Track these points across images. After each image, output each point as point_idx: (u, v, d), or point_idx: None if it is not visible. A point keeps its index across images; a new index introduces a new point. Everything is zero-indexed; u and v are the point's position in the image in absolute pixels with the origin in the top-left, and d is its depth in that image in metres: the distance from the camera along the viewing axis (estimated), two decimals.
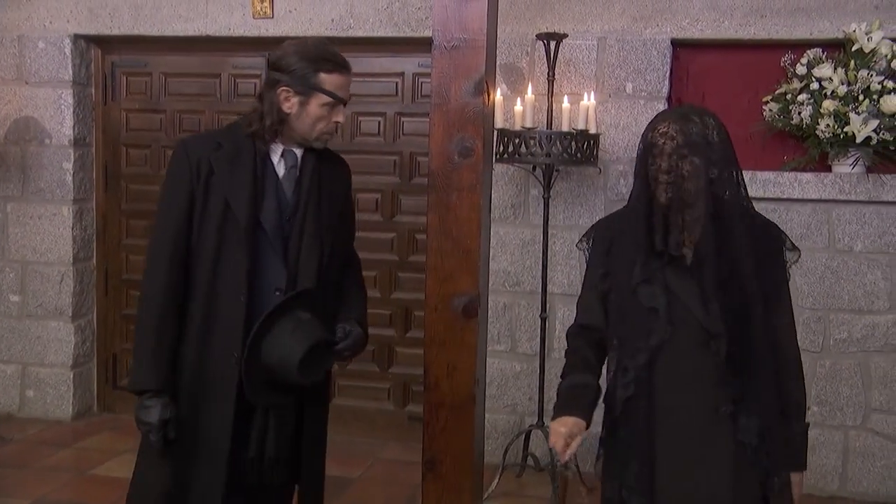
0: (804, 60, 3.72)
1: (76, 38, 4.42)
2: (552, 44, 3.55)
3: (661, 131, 1.87)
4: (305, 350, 2.09)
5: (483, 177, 2.22)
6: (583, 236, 2.11)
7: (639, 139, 1.97)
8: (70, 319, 4.54)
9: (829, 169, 3.77)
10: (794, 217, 3.78)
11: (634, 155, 3.83)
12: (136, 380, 2.17)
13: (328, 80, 2.16)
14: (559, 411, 1.99)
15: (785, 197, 3.76)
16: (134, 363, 2.20)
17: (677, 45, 3.90)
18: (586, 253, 2.09)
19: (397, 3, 4.05)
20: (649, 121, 1.97)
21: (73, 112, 4.46)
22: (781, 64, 3.79)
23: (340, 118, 2.22)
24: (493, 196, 3.93)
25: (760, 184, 3.76)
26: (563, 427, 1.92)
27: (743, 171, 3.85)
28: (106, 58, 4.60)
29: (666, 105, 3.88)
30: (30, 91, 4.45)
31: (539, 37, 3.60)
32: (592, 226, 2.14)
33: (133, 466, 2.30)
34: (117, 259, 4.69)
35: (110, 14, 4.34)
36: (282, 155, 2.22)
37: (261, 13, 4.21)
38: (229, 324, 2.11)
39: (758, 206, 3.66)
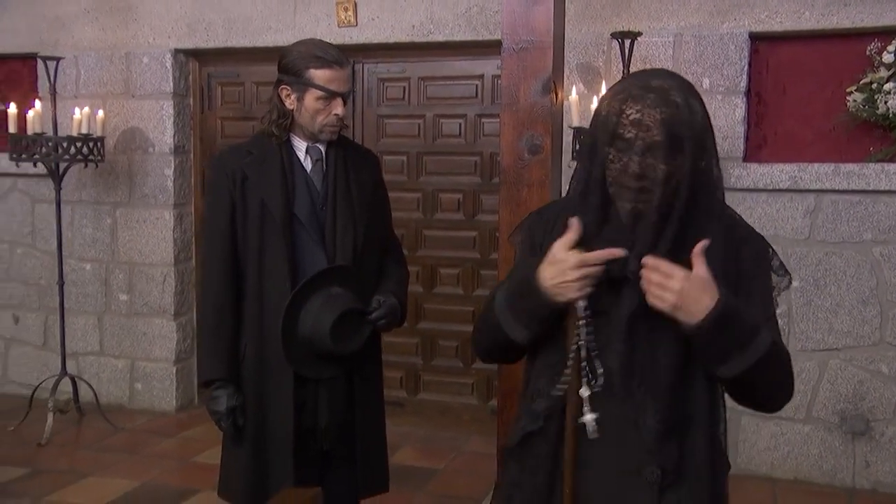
0: (891, 48, 3.64)
1: (176, 52, 4.70)
2: (627, 42, 3.59)
3: (632, 118, 1.37)
4: (335, 318, 2.25)
5: (552, 172, 2.30)
6: (516, 228, 1.69)
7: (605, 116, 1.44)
8: (172, 317, 4.82)
9: None
10: (880, 209, 3.70)
11: None
12: (203, 372, 2.39)
13: (318, 75, 2.30)
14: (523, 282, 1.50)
15: (871, 189, 3.69)
16: (200, 357, 2.43)
17: (756, 38, 3.87)
18: (517, 248, 1.66)
19: (475, 8, 4.16)
20: (610, 87, 1.48)
21: (174, 122, 4.74)
22: (867, 53, 3.71)
23: (339, 111, 2.34)
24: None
25: (844, 176, 3.70)
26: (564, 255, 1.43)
27: (825, 164, 3.82)
28: (202, 70, 4.87)
29: (744, 101, 3.85)
30: (135, 103, 4.76)
31: (614, 36, 3.65)
32: (526, 217, 1.71)
33: None
34: (201, 266, 4.95)
35: (206, 29, 4.60)
36: (306, 151, 2.39)
37: (345, 22, 4.39)
38: (279, 310, 2.28)
39: (842, 199, 3.70)
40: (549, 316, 1.47)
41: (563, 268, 1.42)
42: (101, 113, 4.48)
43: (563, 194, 1.79)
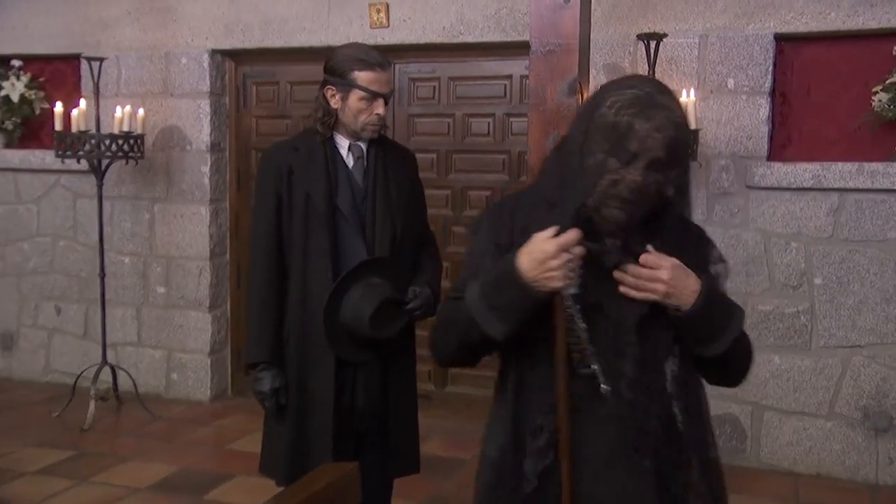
0: None
1: (213, 52, 4.85)
2: (652, 43, 3.66)
3: (640, 135, 1.38)
4: (375, 307, 2.38)
5: None
6: (474, 223, 1.65)
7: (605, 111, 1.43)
8: (207, 310, 4.97)
9: None
10: None
11: (736, 150, 3.94)
12: (248, 355, 2.54)
13: (362, 76, 2.43)
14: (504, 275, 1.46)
15: (895, 188, 3.73)
16: (246, 341, 2.57)
17: (781, 39, 3.92)
18: (475, 243, 1.60)
19: (504, 10, 4.26)
20: (609, 90, 1.47)
21: (210, 120, 4.89)
22: (894, 53, 3.75)
23: (381, 110, 2.47)
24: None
25: (868, 175, 3.74)
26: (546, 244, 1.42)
27: (850, 163, 3.87)
28: (238, 69, 5.01)
29: (769, 101, 3.91)
30: (174, 102, 4.91)
31: (639, 37, 3.73)
32: (484, 212, 1.69)
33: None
34: (248, 255, 5.09)
35: (242, 30, 4.74)
36: (349, 149, 2.52)
37: (377, 23, 4.50)
38: (321, 298, 2.40)
39: (866, 198, 3.75)
40: (530, 309, 1.44)
41: (544, 256, 1.40)
42: (141, 111, 4.64)
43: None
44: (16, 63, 5.09)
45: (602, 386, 1.44)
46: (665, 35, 3.69)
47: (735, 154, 3.93)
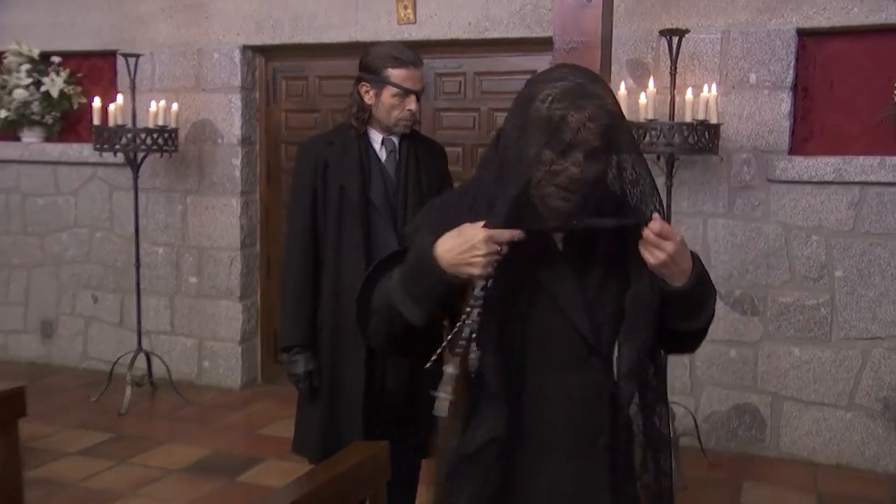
0: None
1: (244, 48, 4.97)
2: (674, 39, 3.72)
3: (573, 125, 1.40)
4: None
5: None
6: (414, 222, 1.68)
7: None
8: (238, 300, 5.10)
9: None
10: None
11: (757, 144, 3.99)
12: (284, 339, 2.65)
13: (395, 74, 2.53)
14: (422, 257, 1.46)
15: None
16: (282, 326, 2.68)
17: (804, 34, 3.96)
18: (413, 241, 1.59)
19: (529, 6, 4.33)
20: (540, 83, 1.46)
21: (241, 114, 5.01)
22: None
23: (412, 106, 2.58)
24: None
25: (890, 169, 3.78)
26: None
27: (871, 157, 3.91)
28: (268, 65, 5.13)
29: (791, 95, 3.95)
30: (206, 97, 5.04)
31: (662, 33, 3.78)
32: (425, 212, 1.69)
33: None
34: (277, 245, 5.15)
35: (273, 26, 4.86)
36: (382, 143, 2.62)
37: (405, 19, 4.60)
38: (353, 289, 2.50)
39: (887, 191, 3.80)
40: (446, 294, 1.44)
41: (472, 241, 1.38)
42: (175, 106, 4.77)
43: None
44: (55, 59, 5.25)
45: (472, 355, 1.41)
46: (687, 31, 3.75)
47: (756, 148, 3.98)
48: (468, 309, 1.40)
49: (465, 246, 1.39)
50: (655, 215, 1.43)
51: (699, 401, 4.14)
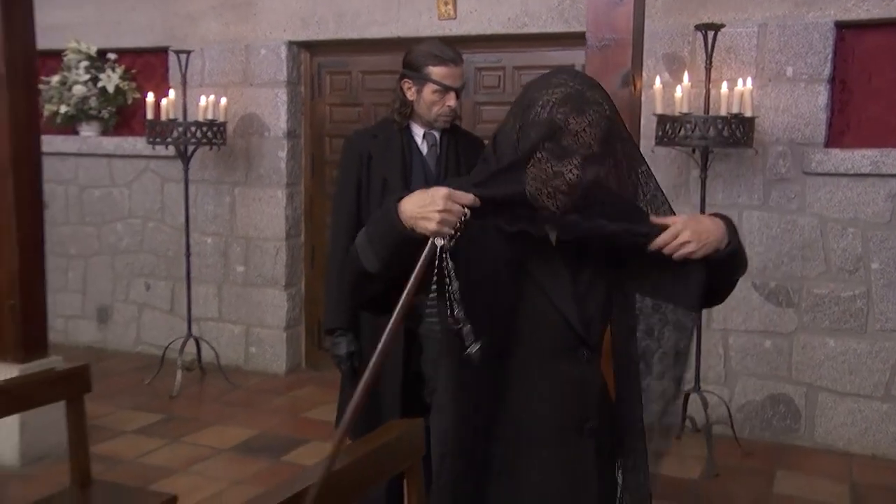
0: None
1: (290, 44, 5.12)
2: (710, 34, 3.77)
3: (574, 130, 1.43)
4: None
5: None
6: None
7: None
8: (283, 288, 5.27)
9: None
10: None
11: (793, 137, 4.01)
12: (327, 322, 2.79)
13: (436, 71, 2.65)
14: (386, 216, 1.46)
15: None
16: (325, 310, 2.82)
17: (842, 27, 3.97)
18: None
19: (567, 1, 4.40)
20: (540, 88, 1.50)
21: (287, 108, 5.17)
22: None
23: (452, 103, 2.68)
24: (656, 177, 4.21)
25: None
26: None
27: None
28: (313, 60, 5.27)
29: (828, 88, 3.97)
30: (253, 91, 5.21)
31: (697, 28, 3.83)
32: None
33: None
34: (321, 236, 5.31)
35: (318, 22, 5.00)
36: (423, 137, 2.74)
37: (445, 15, 4.70)
38: None
39: None
40: (399, 245, 1.44)
41: (430, 200, 1.39)
42: (223, 100, 4.94)
43: None
44: (111, 56, 5.47)
45: (469, 347, 1.44)
46: (722, 25, 3.79)
47: (792, 141, 4.01)
48: (447, 280, 1.41)
49: (425, 200, 1.40)
50: (651, 218, 1.51)
51: (733, 391, 4.19)
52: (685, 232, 1.48)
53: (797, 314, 4.06)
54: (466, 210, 1.40)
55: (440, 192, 1.40)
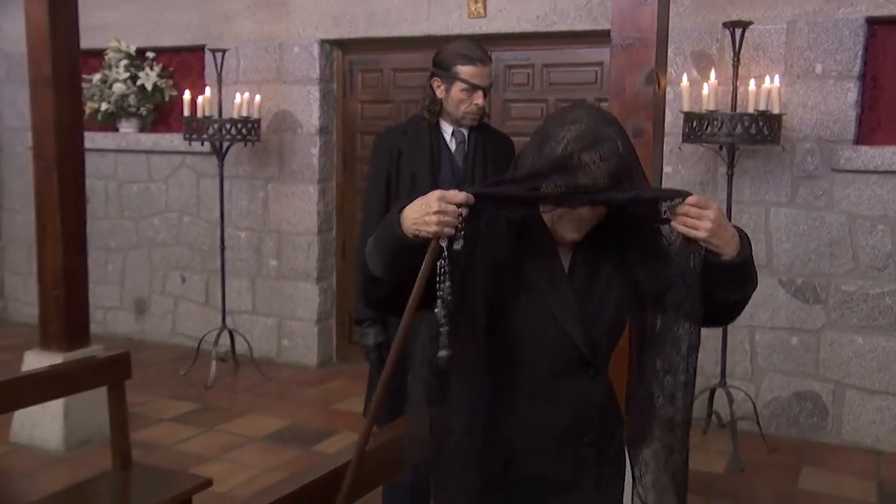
0: None
1: (322, 42, 5.21)
2: (738, 31, 3.78)
3: (585, 163, 1.51)
4: None
5: (653, 153, 2.61)
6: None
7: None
8: (315, 282, 5.37)
9: None
10: None
11: (822, 133, 4.01)
12: (356, 312, 2.87)
13: (463, 70, 2.73)
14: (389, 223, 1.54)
15: None
16: (355, 301, 2.90)
17: (874, 23, 3.95)
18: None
19: None
20: (556, 125, 1.58)
21: (319, 105, 5.26)
22: None
23: (479, 101, 2.75)
24: (683, 174, 4.24)
25: None
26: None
27: None
28: (345, 58, 5.36)
29: (858, 84, 3.96)
30: (286, 88, 5.32)
31: (725, 25, 3.85)
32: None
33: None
34: (352, 230, 5.40)
35: (349, 21, 5.09)
36: (452, 134, 2.81)
37: (475, 13, 4.76)
38: None
39: None
40: (400, 251, 1.51)
41: (427, 201, 1.46)
42: (257, 97, 5.05)
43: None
44: (150, 55, 5.61)
45: (441, 352, 1.51)
46: (750, 23, 3.80)
47: (821, 138, 4.01)
48: (439, 278, 1.48)
49: (423, 206, 1.47)
50: (690, 198, 1.52)
51: (760, 387, 4.21)
52: (713, 212, 1.50)
53: (825, 311, 4.06)
54: (461, 210, 1.45)
55: (433, 194, 1.46)
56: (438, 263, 1.47)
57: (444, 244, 1.46)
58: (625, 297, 1.65)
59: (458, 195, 1.46)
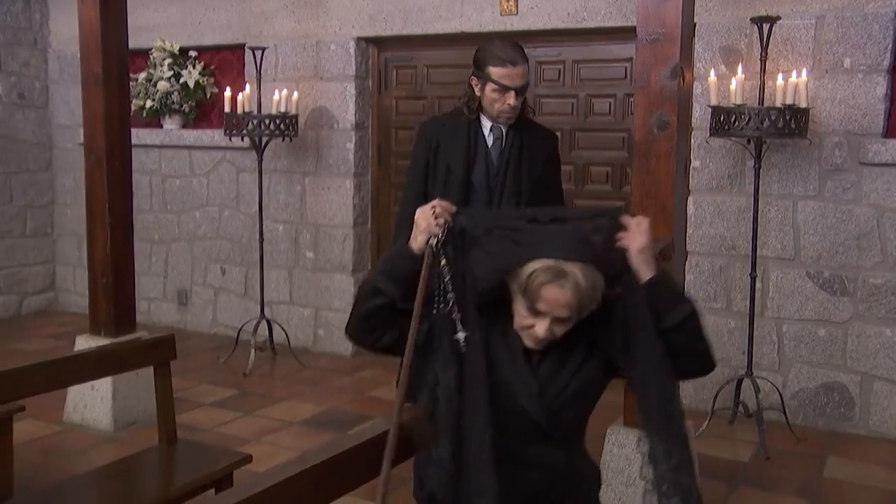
0: None
1: (358, 39, 5.35)
2: (766, 26, 3.83)
3: (549, 299, 1.74)
4: None
5: (677, 145, 2.70)
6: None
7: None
8: (350, 273, 5.50)
9: None
10: None
11: (850, 127, 4.03)
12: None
13: (495, 71, 2.85)
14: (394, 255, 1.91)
15: None
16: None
17: None
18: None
19: None
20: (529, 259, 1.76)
21: (355, 101, 5.39)
22: None
23: (511, 101, 2.86)
24: (711, 167, 4.30)
25: None
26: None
27: None
28: (380, 55, 5.48)
29: (887, 78, 3.98)
30: (323, 85, 5.46)
31: (753, 20, 3.90)
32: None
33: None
34: (387, 224, 5.53)
35: (385, 19, 5.21)
36: (490, 130, 2.93)
37: (507, 10, 4.85)
38: None
39: None
40: (404, 268, 1.81)
41: (423, 216, 1.81)
42: (295, 94, 5.20)
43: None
44: (192, 54, 5.80)
45: (458, 334, 1.75)
46: (778, 18, 3.85)
47: (849, 132, 4.04)
48: (438, 271, 1.76)
49: (416, 228, 1.82)
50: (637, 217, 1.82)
51: (787, 378, 4.25)
52: (646, 223, 1.79)
53: (852, 303, 4.10)
54: (445, 217, 1.79)
55: (425, 209, 1.82)
56: (438, 261, 1.75)
57: (433, 242, 1.76)
58: (596, 377, 1.85)
59: (445, 205, 1.81)
